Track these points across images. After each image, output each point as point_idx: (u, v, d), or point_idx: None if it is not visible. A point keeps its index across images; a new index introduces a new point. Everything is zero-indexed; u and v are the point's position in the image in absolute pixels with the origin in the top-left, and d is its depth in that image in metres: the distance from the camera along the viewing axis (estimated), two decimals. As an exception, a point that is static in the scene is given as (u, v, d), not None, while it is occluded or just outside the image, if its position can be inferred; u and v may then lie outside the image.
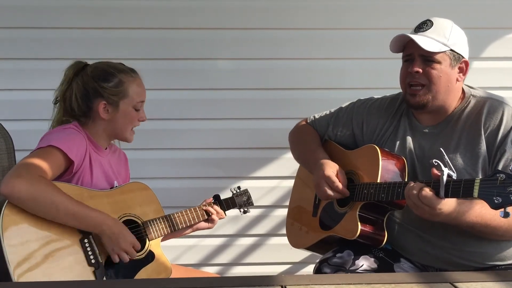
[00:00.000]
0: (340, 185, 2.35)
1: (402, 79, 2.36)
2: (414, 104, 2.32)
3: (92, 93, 2.37)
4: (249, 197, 2.78)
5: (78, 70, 2.42)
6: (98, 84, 2.37)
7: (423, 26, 2.30)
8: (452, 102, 2.33)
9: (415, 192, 2.05)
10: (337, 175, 2.38)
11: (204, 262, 3.41)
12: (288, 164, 3.13)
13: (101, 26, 3.26)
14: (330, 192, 2.36)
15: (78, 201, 2.18)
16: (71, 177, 2.28)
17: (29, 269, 2.06)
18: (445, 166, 2.00)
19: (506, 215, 1.85)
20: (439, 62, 2.26)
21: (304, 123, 2.76)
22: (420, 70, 2.27)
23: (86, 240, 2.20)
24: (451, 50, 2.27)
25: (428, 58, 2.26)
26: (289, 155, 2.85)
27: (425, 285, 1.77)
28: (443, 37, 2.27)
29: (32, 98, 3.11)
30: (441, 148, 2.08)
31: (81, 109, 2.39)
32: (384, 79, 2.90)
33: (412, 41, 2.26)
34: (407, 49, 2.33)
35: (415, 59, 2.28)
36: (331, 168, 2.39)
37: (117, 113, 2.39)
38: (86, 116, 2.39)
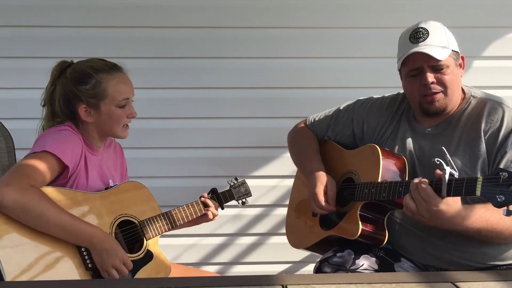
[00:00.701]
0: (325, 205, 2.39)
1: (415, 94, 2.31)
2: (435, 111, 2.29)
3: (72, 97, 2.31)
4: (247, 188, 2.75)
5: (62, 70, 2.36)
6: (76, 88, 2.30)
7: (420, 36, 2.26)
8: (456, 103, 2.33)
9: (416, 181, 2.05)
10: (326, 190, 2.40)
11: (204, 261, 3.41)
12: (288, 163, 3.11)
13: (102, 24, 3.25)
14: (317, 209, 2.42)
15: (69, 213, 2.12)
16: (65, 181, 2.24)
17: (25, 274, 2.01)
18: (447, 165, 1.99)
19: (509, 213, 1.84)
20: (447, 66, 2.25)
21: (303, 125, 2.75)
22: (435, 80, 2.25)
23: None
24: (452, 50, 2.27)
25: (438, 67, 2.24)
26: (289, 155, 2.85)
27: (426, 285, 1.76)
28: (442, 40, 2.26)
29: (32, 96, 3.05)
30: (443, 147, 2.08)
31: (65, 113, 2.34)
32: (384, 79, 2.89)
33: (416, 54, 2.23)
34: (411, 63, 2.27)
35: (425, 71, 2.25)
36: (321, 184, 2.41)
37: (100, 115, 2.32)
38: (72, 120, 2.34)
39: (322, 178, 2.44)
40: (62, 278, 2.08)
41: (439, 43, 2.25)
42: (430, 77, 2.24)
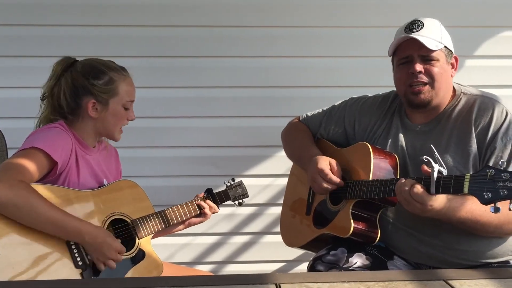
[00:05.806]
0: (333, 177, 2.35)
1: (402, 82, 2.33)
2: (419, 103, 2.30)
3: (82, 90, 2.33)
4: (243, 189, 2.73)
5: (67, 66, 2.37)
6: (88, 81, 2.32)
7: (415, 26, 2.29)
8: (446, 100, 2.34)
9: (406, 188, 2.06)
10: (331, 167, 2.38)
11: (198, 260, 3.40)
12: (282, 162, 3.12)
13: (98, 23, 3.24)
14: (325, 185, 2.36)
15: (60, 208, 2.13)
16: (56, 177, 2.24)
17: (15, 273, 2.01)
18: (436, 163, 2.00)
19: (496, 210, 1.86)
20: (437, 60, 2.27)
21: (296, 120, 2.76)
22: (423, 70, 2.26)
23: (72, 242, 2.16)
24: (445, 46, 2.29)
25: (427, 57, 2.26)
26: (283, 153, 2.85)
27: (419, 283, 1.76)
28: (436, 34, 2.28)
29: (24, 96, 3.08)
30: (431, 145, 2.08)
31: (70, 107, 2.34)
32: (380, 78, 2.89)
33: (408, 43, 2.26)
34: (402, 51, 2.31)
35: (415, 60, 2.27)
36: (324, 162, 2.39)
37: (106, 111, 2.34)
38: (74, 114, 2.35)
39: (324, 157, 2.43)
40: (52, 275, 2.07)
41: (433, 36, 2.27)
42: (419, 66, 2.26)
